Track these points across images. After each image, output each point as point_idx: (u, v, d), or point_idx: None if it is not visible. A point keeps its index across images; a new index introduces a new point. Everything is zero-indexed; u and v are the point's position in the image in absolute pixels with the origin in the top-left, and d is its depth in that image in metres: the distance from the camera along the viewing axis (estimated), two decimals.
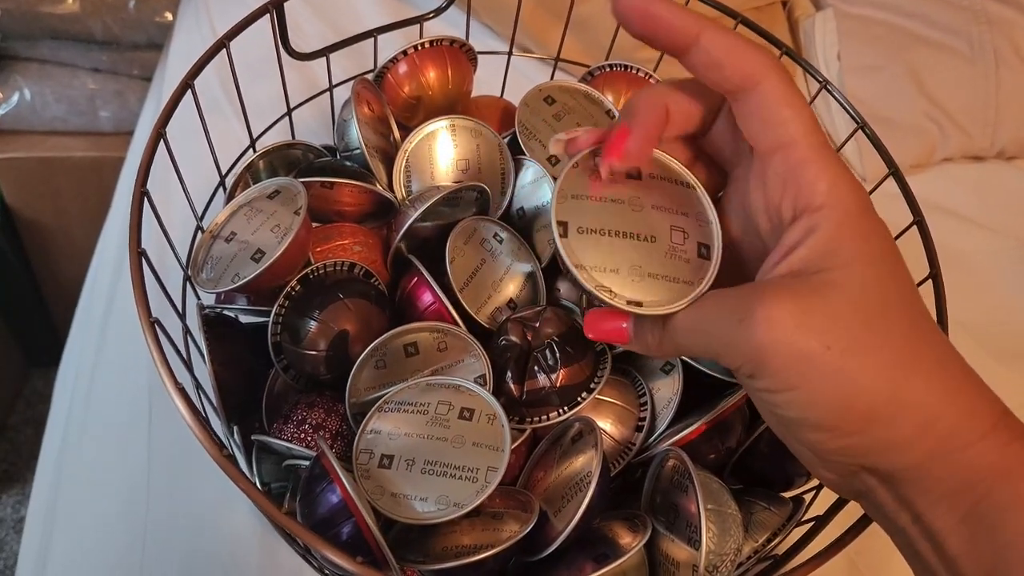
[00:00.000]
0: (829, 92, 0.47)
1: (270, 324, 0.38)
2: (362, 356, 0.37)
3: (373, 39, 0.50)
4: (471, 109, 0.52)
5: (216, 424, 0.37)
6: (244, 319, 0.42)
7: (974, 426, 0.24)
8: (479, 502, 0.32)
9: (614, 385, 0.41)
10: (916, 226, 0.42)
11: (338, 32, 0.77)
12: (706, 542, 0.33)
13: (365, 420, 0.36)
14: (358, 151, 0.44)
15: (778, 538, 0.37)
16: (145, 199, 0.35)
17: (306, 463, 0.35)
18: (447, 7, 0.55)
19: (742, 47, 0.27)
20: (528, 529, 0.33)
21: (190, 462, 0.52)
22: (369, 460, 0.34)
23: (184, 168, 0.40)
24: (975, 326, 0.67)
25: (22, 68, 0.96)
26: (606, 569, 0.33)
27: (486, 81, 0.55)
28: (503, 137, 0.47)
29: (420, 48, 0.48)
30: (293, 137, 0.50)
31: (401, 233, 0.41)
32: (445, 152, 0.46)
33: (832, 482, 0.28)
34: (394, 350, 0.38)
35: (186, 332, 0.39)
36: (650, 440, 0.39)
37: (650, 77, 0.51)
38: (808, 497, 0.40)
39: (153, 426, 0.55)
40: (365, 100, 0.46)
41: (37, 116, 0.96)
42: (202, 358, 0.37)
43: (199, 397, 0.37)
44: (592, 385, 0.38)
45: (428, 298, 0.40)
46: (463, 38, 0.50)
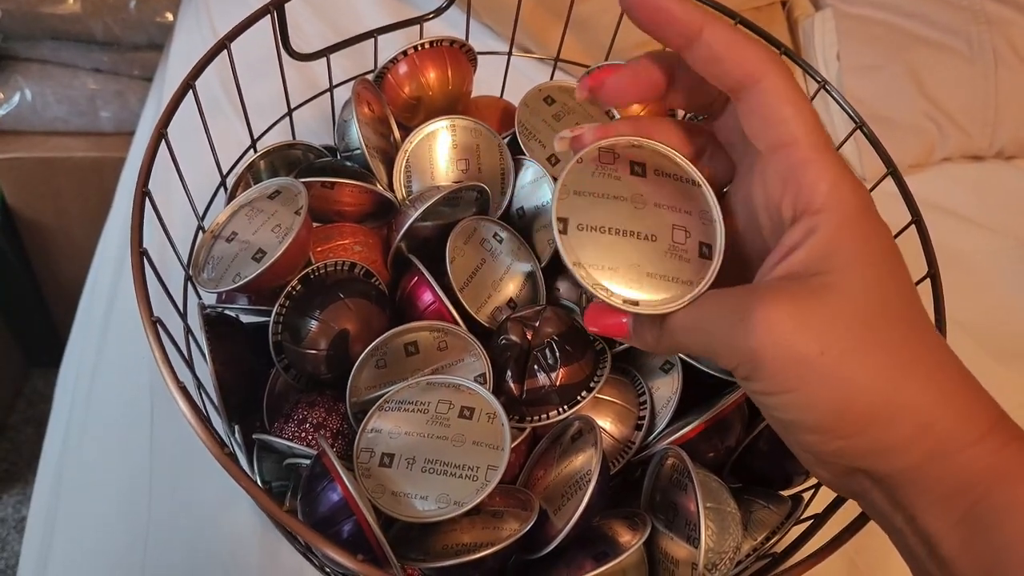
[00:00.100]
0: (828, 92, 0.47)
1: (271, 323, 0.38)
2: (363, 355, 0.37)
3: (373, 39, 0.50)
4: (471, 109, 0.52)
5: (217, 423, 0.37)
6: (245, 319, 0.42)
7: (970, 429, 0.24)
8: (479, 500, 0.32)
9: (614, 384, 0.41)
10: (914, 226, 0.42)
11: (338, 33, 0.78)
12: (705, 540, 0.33)
13: (366, 419, 0.36)
14: (358, 151, 0.44)
15: (777, 536, 0.37)
16: (146, 199, 0.35)
17: (307, 462, 0.35)
18: (447, 7, 0.55)
19: (744, 43, 0.26)
20: (528, 527, 0.33)
21: (191, 461, 0.52)
22: (370, 459, 0.34)
23: (185, 168, 0.40)
24: (974, 326, 0.67)
25: (23, 68, 0.96)
26: (605, 567, 0.33)
27: (486, 81, 0.55)
28: (503, 137, 0.47)
29: (420, 48, 0.48)
30: (294, 137, 0.50)
31: (401, 233, 0.41)
32: (445, 152, 0.46)
33: (829, 481, 0.28)
34: (394, 349, 0.38)
35: (187, 332, 0.39)
36: (649, 439, 0.39)
37: None
38: (807, 495, 0.40)
39: (154, 426, 0.55)
40: (365, 100, 0.46)
41: (38, 116, 0.97)
42: (203, 357, 0.37)
43: (200, 396, 0.37)
44: (592, 384, 0.38)
45: (428, 297, 0.40)
46: (463, 38, 0.50)
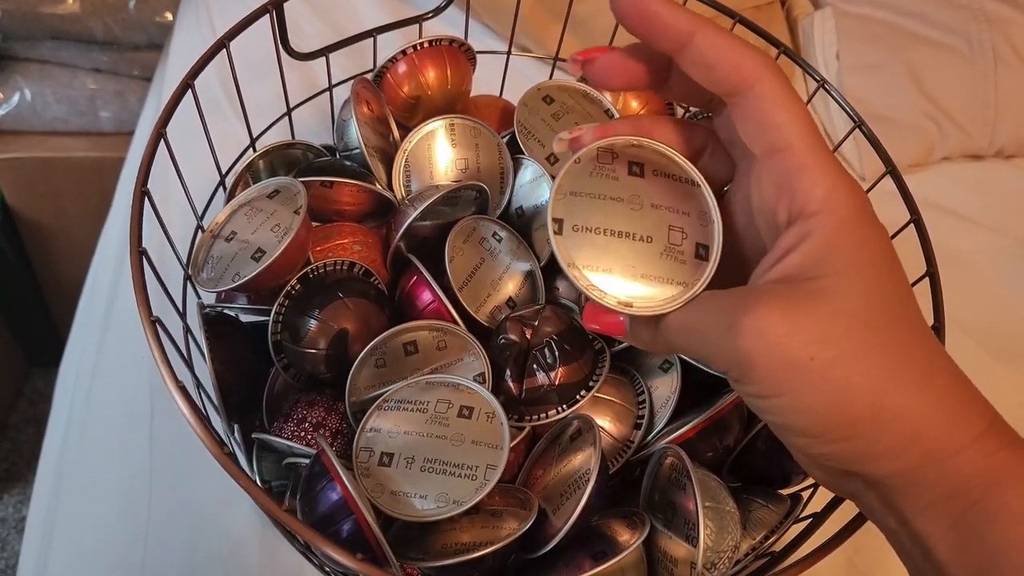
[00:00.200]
0: (827, 91, 0.47)
1: (270, 323, 0.38)
2: (362, 355, 0.37)
3: (372, 39, 0.50)
4: (470, 109, 0.52)
5: (217, 423, 0.37)
6: (244, 318, 0.42)
7: (962, 435, 0.24)
8: (478, 500, 0.32)
9: (613, 383, 0.41)
10: (913, 224, 0.42)
11: (338, 32, 0.78)
12: (704, 539, 0.33)
13: (365, 418, 0.36)
14: (357, 151, 0.44)
15: (776, 535, 0.37)
16: (146, 199, 0.35)
17: (306, 461, 0.35)
18: (446, 7, 0.55)
19: (736, 48, 0.26)
20: (527, 526, 0.33)
21: (191, 461, 0.52)
22: (369, 458, 0.34)
23: (184, 168, 0.40)
24: (974, 325, 0.67)
25: (22, 68, 0.96)
26: (604, 566, 0.33)
27: (485, 80, 0.55)
28: (502, 136, 0.47)
29: (419, 48, 0.48)
30: (293, 137, 0.50)
31: (400, 232, 0.41)
32: (444, 151, 0.46)
33: (825, 482, 0.28)
34: (394, 349, 0.38)
35: (187, 331, 0.39)
36: (648, 438, 0.39)
37: None
38: (805, 495, 0.40)
39: (154, 425, 0.55)
40: (364, 100, 0.46)
41: (38, 116, 0.97)
42: (203, 357, 0.37)
43: (200, 396, 0.37)
44: (591, 383, 0.38)
45: (427, 297, 0.40)
46: (462, 38, 0.50)
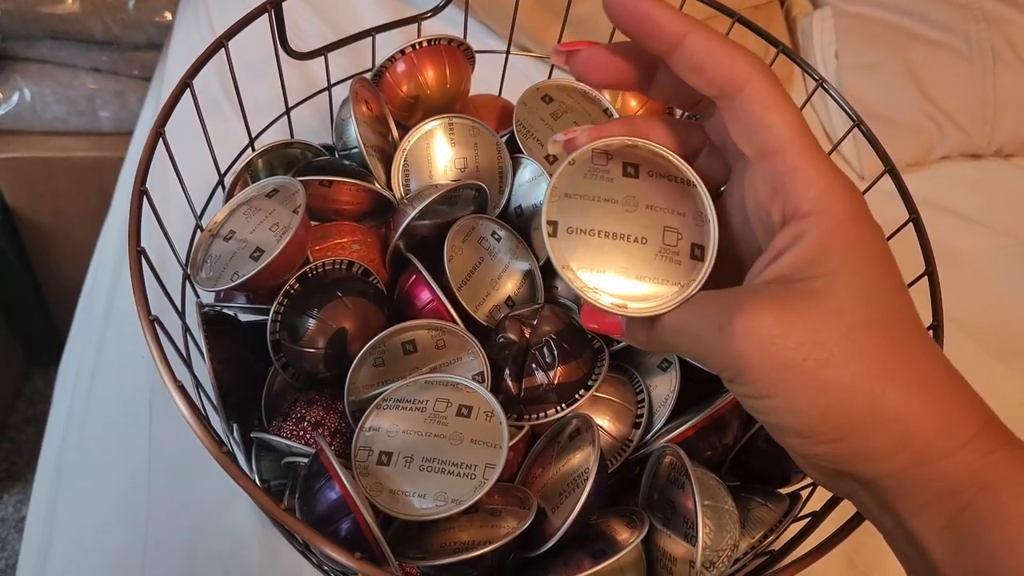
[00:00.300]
0: (826, 90, 0.47)
1: (269, 322, 0.38)
2: (360, 354, 0.37)
3: (371, 38, 0.50)
4: (469, 108, 0.52)
5: (216, 422, 0.37)
6: (243, 317, 0.42)
7: (955, 436, 0.24)
8: (477, 498, 0.32)
9: (611, 382, 0.41)
10: (912, 224, 0.42)
11: (336, 31, 0.78)
12: (703, 538, 0.33)
13: (364, 417, 0.36)
14: (356, 150, 0.44)
15: (775, 534, 0.37)
16: (144, 198, 0.35)
17: (305, 460, 0.35)
18: (445, 6, 0.55)
19: (726, 50, 0.26)
20: (526, 525, 0.33)
21: (190, 461, 0.52)
22: (368, 457, 0.34)
23: (183, 167, 0.40)
24: (973, 324, 0.67)
25: (22, 68, 0.96)
26: (603, 565, 0.33)
27: (484, 80, 0.55)
28: (501, 136, 0.47)
29: (418, 47, 0.48)
30: (292, 136, 0.50)
31: (399, 231, 0.41)
32: (443, 151, 0.46)
33: (822, 481, 0.28)
34: (392, 348, 0.38)
35: (185, 330, 0.39)
36: (647, 437, 0.39)
37: None
38: (804, 493, 0.40)
39: (154, 425, 0.55)
40: (363, 99, 0.46)
41: (37, 116, 0.97)
42: (201, 356, 0.37)
43: (199, 395, 0.37)
44: (590, 382, 0.39)
45: (426, 296, 0.40)
46: (461, 37, 0.50)
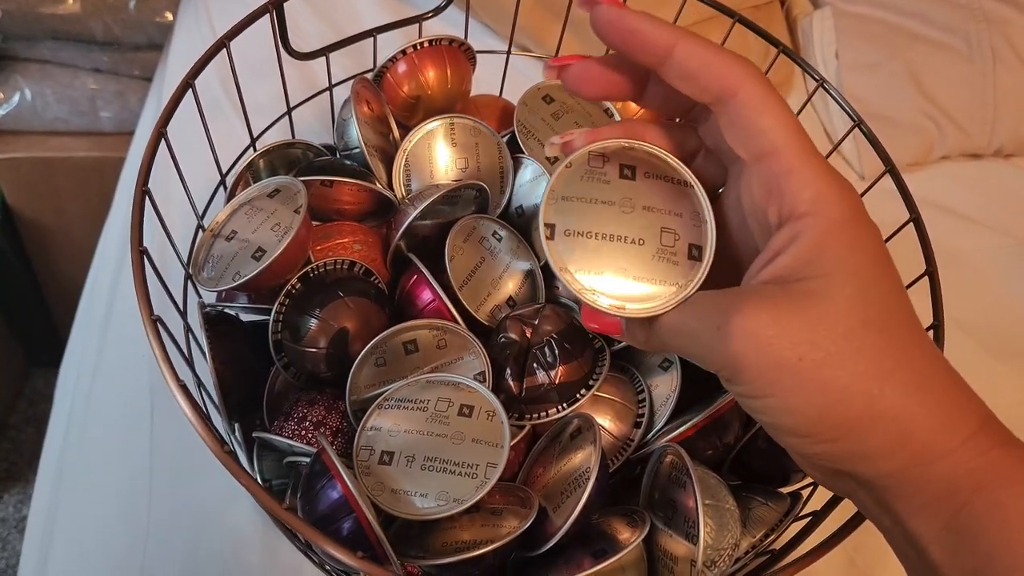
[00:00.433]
0: (826, 90, 0.47)
1: (271, 322, 0.38)
2: (362, 354, 0.37)
3: (372, 39, 0.50)
4: (470, 108, 0.52)
5: (217, 422, 0.37)
6: (245, 317, 0.42)
7: (954, 436, 0.24)
8: (479, 498, 0.32)
9: (612, 382, 0.41)
10: (913, 224, 0.42)
11: (337, 32, 0.78)
12: (704, 537, 0.33)
13: (365, 417, 0.36)
14: (358, 150, 0.45)
15: (775, 533, 0.37)
16: (146, 198, 0.35)
17: (307, 460, 0.35)
18: (446, 6, 0.55)
19: (717, 57, 0.26)
20: (527, 525, 0.33)
21: (191, 461, 0.52)
22: (369, 456, 0.34)
23: (185, 167, 0.40)
24: (973, 324, 0.67)
25: (23, 68, 0.96)
26: (604, 564, 0.33)
27: (485, 80, 0.55)
28: (502, 136, 0.47)
29: (419, 47, 0.48)
30: (293, 136, 0.50)
31: (401, 231, 0.41)
32: (444, 151, 0.46)
33: (821, 480, 0.28)
34: (394, 348, 0.38)
35: (187, 330, 0.39)
36: (648, 436, 0.40)
37: None
38: (805, 493, 0.40)
39: (154, 425, 0.55)
40: (364, 99, 0.46)
41: (38, 116, 0.97)
42: (203, 356, 0.37)
43: (200, 395, 0.37)
44: (591, 382, 0.39)
45: (428, 296, 0.40)
46: (462, 37, 0.50)
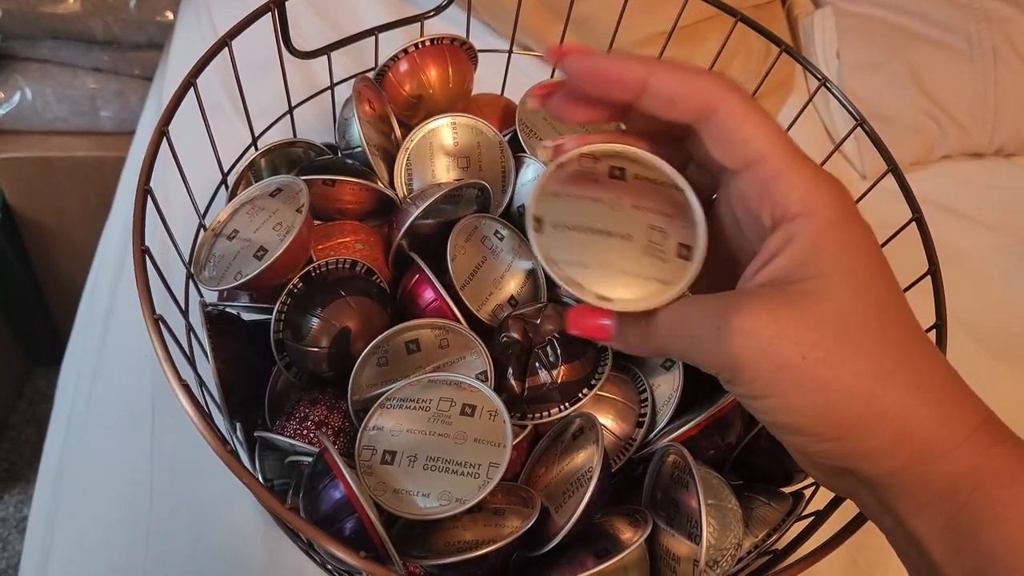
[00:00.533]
0: (828, 89, 0.47)
1: (272, 321, 0.38)
2: (364, 353, 0.37)
3: (374, 38, 0.50)
4: (472, 107, 0.52)
5: (219, 421, 0.37)
6: (247, 316, 0.42)
7: (953, 434, 0.24)
8: (481, 498, 0.32)
9: (615, 381, 0.41)
10: (915, 223, 0.42)
11: (338, 32, 0.77)
12: (707, 537, 0.33)
13: (367, 417, 0.36)
14: (359, 149, 0.44)
15: (778, 533, 0.37)
16: (148, 197, 0.35)
17: (309, 459, 0.35)
18: (447, 5, 0.55)
19: (692, 79, 0.27)
20: (529, 525, 0.33)
21: (193, 461, 0.52)
22: (372, 456, 0.34)
23: (186, 166, 0.40)
24: (973, 324, 0.67)
25: (23, 68, 0.96)
26: (607, 564, 0.33)
27: (487, 79, 0.55)
28: (504, 135, 0.47)
29: (421, 46, 0.48)
30: (295, 135, 0.50)
31: (402, 231, 0.41)
32: (446, 150, 0.46)
33: (823, 481, 0.28)
34: (396, 347, 0.38)
35: (189, 329, 0.39)
36: (651, 436, 0.40)
37: None
38: (808, 492, 0.40)
39: (155, 425, 0.55)
40: (366, 98, 0.46)
41: (38, 116, 0.96)
42: (205, 355, 0.37)
43: (202, 394, 0.37)
44: (593, 381, 0.39)
45: (429, 295, 0.40)
46: (464, 36, 0.50)
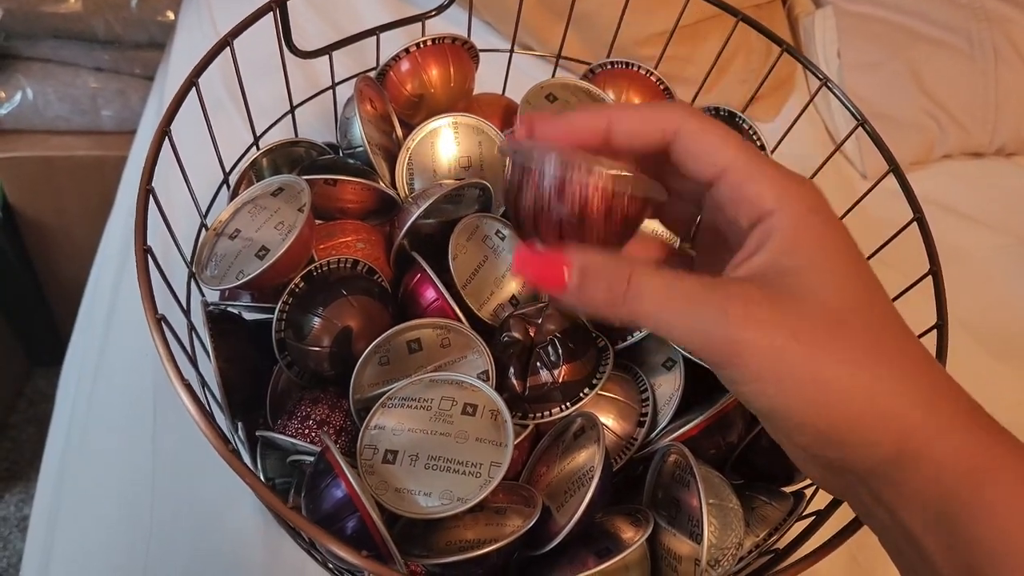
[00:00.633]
0: (829, 89, 0.47)
1: (274, 321, 0.38)
2: (366, 352, 0.37)
3: (375, 37, 0.50)
4: (473, 107, 0.52)
5: (221, 420, 0.37)
6: (248, 316, 0.42)
7: (938, 422, 0.24)
8: (482, 497, 0.32)
9: (616, 381, 0.41)
10: (916, 223, 0.42)
11: (340, 32, 0.77)
12: (708, 536, 0.33)
13: (369, 416, 0.36)
14: (361, 149, 0.45)
15: (779, 532, 0.37)
16: (150, 196, 0.35)
17: (310, 459, 0.35)
18: (449, 5, 0.55)
19: (649, 113, 0.28)
20: (531, 524, 0.33)
21: (194, 460, 0.52)
22: (373, 455, 0.34)
23: (188, 166, 0.40)
24: (973, 323, 0.67)
25: (24, 67, 0.96)
26: (608, 563, 0.33)
27: (488, 79, 0.55)
28: (505, 134, 0.47)
29: (422, 46, 0.48)
30: (296, 135, 0.50)
31: (404, 230, 0.41)
32: (447, 149, 0.46)
33: (820, 480, 0.28)
34: (397, 346, 0.38)
35: (191, 329, 0.39)
36: (652, 435, 0.40)
37: (651, 75, 0.52)
38: (809, 492, 0.40)
39: (157, 425, 0.55)
40: (368, 98, 0.46)
41: (39, 115, 0.96)
42: (207, 355, 0.37)
43: (204, 393, 0.37)
44: (594, 381, 0.39)
45: (431, 295, 0.40)
46: (465, 36, 0.50)
